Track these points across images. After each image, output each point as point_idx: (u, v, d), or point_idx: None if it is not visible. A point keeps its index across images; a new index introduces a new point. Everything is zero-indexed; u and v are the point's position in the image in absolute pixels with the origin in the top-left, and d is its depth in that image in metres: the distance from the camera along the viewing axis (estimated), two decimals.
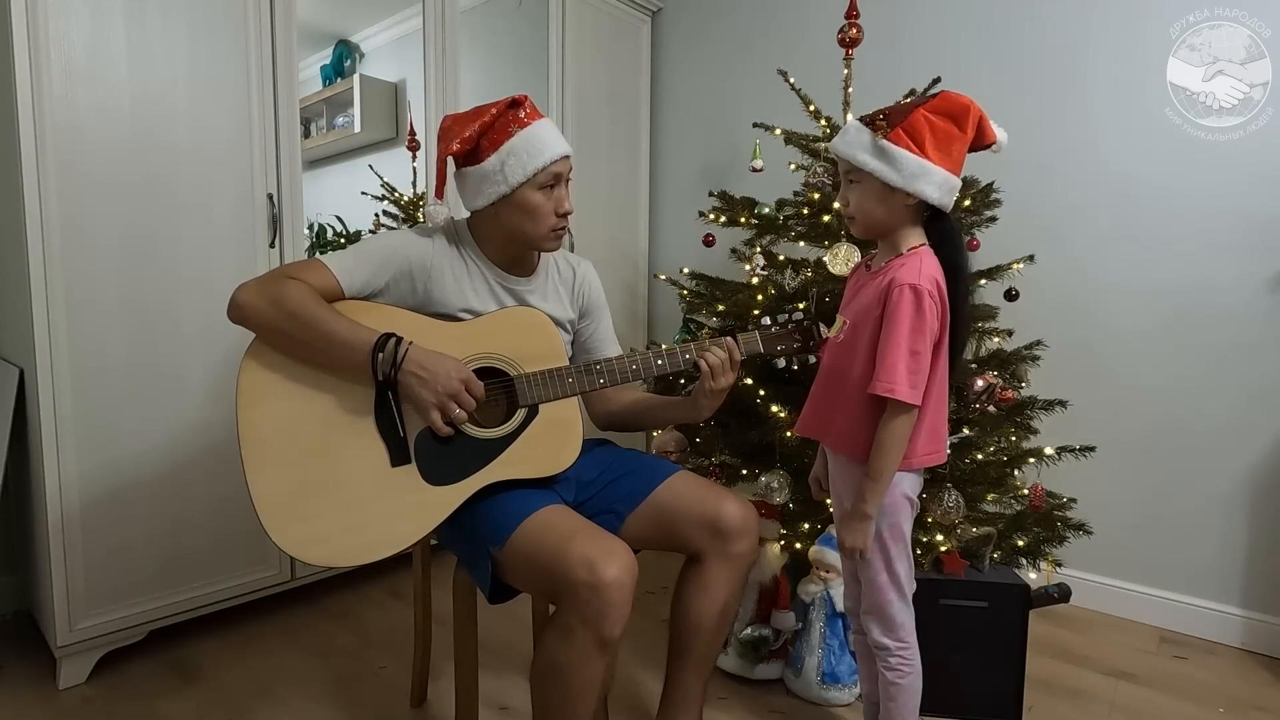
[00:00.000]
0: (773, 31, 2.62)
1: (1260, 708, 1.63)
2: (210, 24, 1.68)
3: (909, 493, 1.19)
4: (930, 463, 1.18)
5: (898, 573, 1.20)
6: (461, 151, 1.19)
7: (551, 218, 1.23)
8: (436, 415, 1.11)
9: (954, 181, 1.13)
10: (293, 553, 1.07)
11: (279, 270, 1.17)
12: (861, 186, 1.15)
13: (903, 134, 1.10)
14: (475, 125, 1.18)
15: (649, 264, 2.99)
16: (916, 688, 1.22)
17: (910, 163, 1.09)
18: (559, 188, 1.23)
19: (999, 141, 1.16)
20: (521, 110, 1.21)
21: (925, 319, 1.09)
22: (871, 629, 1.24)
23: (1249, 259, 1.84)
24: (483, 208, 1.24)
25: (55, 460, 1.53)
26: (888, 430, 1.12)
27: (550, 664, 1.07)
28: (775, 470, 1.64)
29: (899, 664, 1.22)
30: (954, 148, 1.11)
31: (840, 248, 1.63)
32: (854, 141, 1.14)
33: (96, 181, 1.54)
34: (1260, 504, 1.87)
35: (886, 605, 1.21)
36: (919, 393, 1.10)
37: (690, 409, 1.32)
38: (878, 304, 1.14)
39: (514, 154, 1.18)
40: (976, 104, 1.12)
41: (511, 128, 1.19)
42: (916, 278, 1.10)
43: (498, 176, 1.19)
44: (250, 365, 1.12)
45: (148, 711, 1.53)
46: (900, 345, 1.09)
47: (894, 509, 1.18)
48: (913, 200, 1.12)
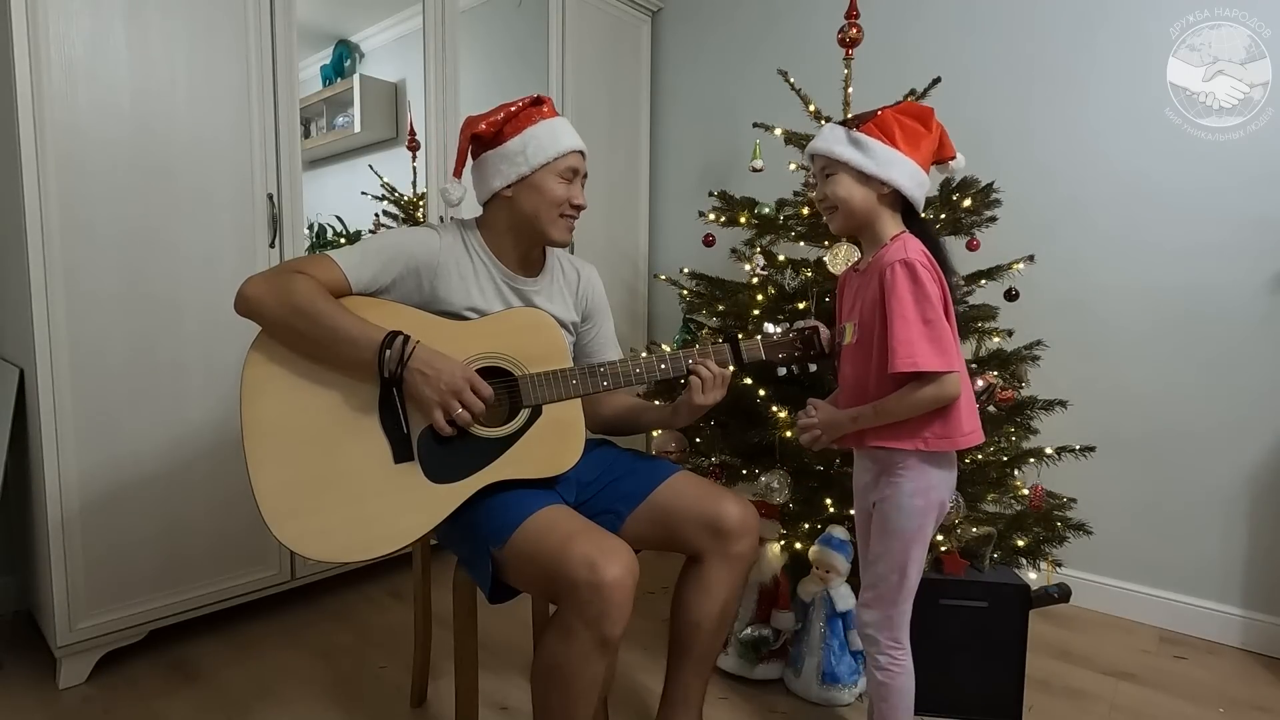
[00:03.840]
0: (773, 31, 2.62)
1: (1260, 708, 1.63)
2: (210, 24, 1.68)
3: (944, 498, 1.17)
4: (974, 441, 1.15)
5: (909, 576, 1.19)
6: (488, 132, 1.24)
7: (565, 206, 1.27)
8: (440, 414, 1.11)
9: (923, 176, 1.17)
10: (293, 547, 1.07)
11: (287, 264, 1.17)
12: (837, 178, 1.18)
13: (874, 128, 1.16)
14: (500, 113, 1.25)
15: (649, 264, 2.99)
16: (908, 688, 1.22)
17: (883, 151, 1.14)
18: (575, 183, 1.28)
19: (958, 159, 1.23)
20: (544, 106, 1.28)
21: (925, 287, 1.09)
22: (865, 620, 1.23)
23: (1249, 259, 1.85)
24: (499, 191, 1.26)
25: (55, 460, 1.53)
26: (919, 392, 1.08)
27: (551, 664, 1.07)
28: (775, 470, 1.63)
29: (889, 663, 1.21)
30: (922, 143, 1.17)
31: (840, 248, 1.63)
32: (829, 137, 1.19)
33: (97, 181, 1.54)
34: (1260, 504, 1.87)
35: (890, 605, 1.20)
36: (950, 358, 1.08)
37: (669, 418, 1.33)
38: (879, 294, 1.13)
39: (536, 138, 1.24)
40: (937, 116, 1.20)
41: (535, 117, 1.26)
42: (904, 254, 1.11)
43: (519, 157, 1.24)
44: (255, 359, 1.12)
45: (148, 711, 1.53)
46: (909, 318, 1.08)
47: (924, 513, 1.16)
48: (887, 190, 1.16)
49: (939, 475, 1.16)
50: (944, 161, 1.23)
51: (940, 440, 1.13)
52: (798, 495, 1.67)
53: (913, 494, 1.15)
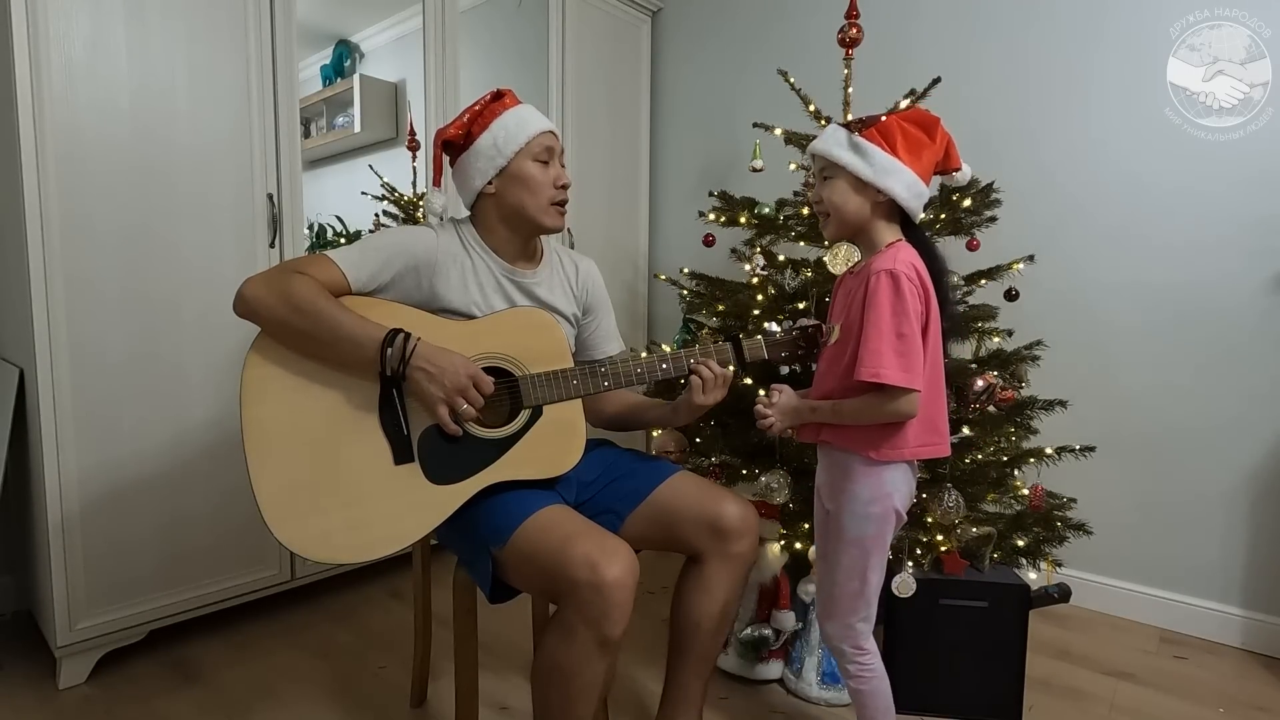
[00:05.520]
0: (773, 31, 2.62)
1: (1260, 708, 1.63)
2: (210, 23, 1.68)
3: (899, 505, 1.17)
4: (926, 454, 1.16)
5: (870, 583, 1.18)
6: (457, 136, 1.26)
7: (550, 189, 1.27)
8: (444, 411, 1.11)
9: (921, 186, 1.15)
10: (293, 548, 1.07)
11: (286, 264, 1.17)
12: (834, 182, 1.17)
13: (876, 133, 1.15)
14: (465, 115, 1.27)
15: (649, 264, 2.99)
16: (882, 689, 1.22)
17: (881, 158, 1.13)
18: (553, 163, 1.29)
19: (963, 170, 1.22)
20: (506, 98, 1.30)
21: (906, 300, 1.08)
22: (828, 633, 1.23)
23: (1249, 259, 1.85)
24: (482, 189, 1.27)
25: (55, 459, 1.53)
26: (876, 404, 1.10)
27: (551, 664, 1.06)
28: (775, 470, 1.63)
29: (858, 671, 1.21)
30: (924, 154, 1.15)
31: (840, 248, 1.63)
32: (830, 139, 1.18)
33: (97, 181, 1.54)
34: (1260, 504, 1.87)
35: (850, 614, 1.20)
36: (914, 376, 1.07)
37: (669, 416, 1.33)
38: (863, 299, 1.13)
39: (504, 128, 1.25)
40: (944, 127, 1.18)
41: (499, 110, 1.27)
42: (892, 264, 1.10)
43: (492, 151, 1.25)
44: (255, 360, 1.12)
45: (148, 711, 1.53)
46: (882, 329, 1.08)
47: (882, 519, 1.16)
48: (882, 198, 1.15)
49: (894, 481, 1.15)
50: (948, 173, 1.21)
51: (888, 450, 1.13)
52: (798, 495, 1.67)
53: (869, 501, 1.15)
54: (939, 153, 1.17)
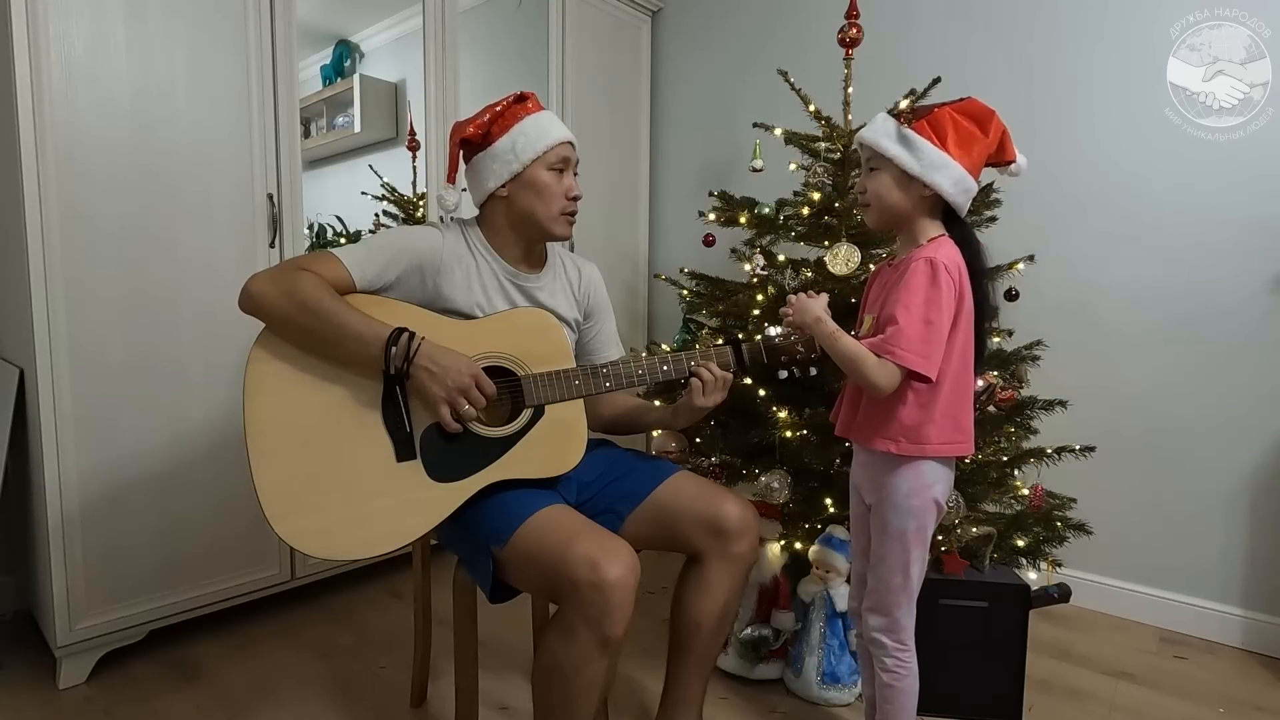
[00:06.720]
0: (773, 31, 2.62)
1: (1260, 708, 1.63)
2: (210, 23, 1.68)
3: (939, 497, 1.16)
4: (949, 452, 1.15)
5: (912, 577, 1.18)
6: (475, 135, 1.25)
7: (561, 199, 1.28)
8: (446, 410, 1.11)
9: (970, 182, 1.13)
10: (293, 543, 1.07)
11: (291, 262, 1.17)
12: (880, 173, 1.15)
13: (926, 126, 1.12)
14: (486, 114, 1.26)
15: (649, 264, 2.99)
16: (913, 690, 1.22)
17: (930, 152, 1.10)
18: (567, 174, 1.29)
19: (1018, 163, 1.18)
20: (528, 101, 1.29)
21: (941, 290, 1.07)
22: (871, 625, 1.23)
23: (1249, 259, 1.85)
24: (494, 191, 1.27)
25: (55, 459, 1.53)
26: (872, 365, 1.07)
27: (552, 664, 1.06)
28: (775, 470, 1.63)
29: (895, 665, 1.21)
30: (975, 148, 1.12)
31: (840, 248, 1.64)
32: (879, 129, 1.16)
33: (97, 181, 1.54)
34: (1260, 504, 1.87)
35: (894, 607, 1.20)
36: (931, 364, 1.06)
37: (668, 419, 1.33)
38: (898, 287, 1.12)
39: (524, 134, 1.25)
40: (1000, 118, 1.14)
41: (520, 114, 1.27)
42: (934, 254, 1.09)
43: (509, 155, 1.25)
44: (259, 356, 1.12)
45: (148, 711, 1.53)
46: (912, 311, 1.07)
47: (922, 511, 1.15)
48: (928, 192, 1.12)
49: (934, 473, 1.15)
50: (1001, 165, 1.18)
51: (909, 446, 1.12)
52: (798, 495, 1.67)
53: (909, 494, 1.15)
54: (991, 146, 1.14)
